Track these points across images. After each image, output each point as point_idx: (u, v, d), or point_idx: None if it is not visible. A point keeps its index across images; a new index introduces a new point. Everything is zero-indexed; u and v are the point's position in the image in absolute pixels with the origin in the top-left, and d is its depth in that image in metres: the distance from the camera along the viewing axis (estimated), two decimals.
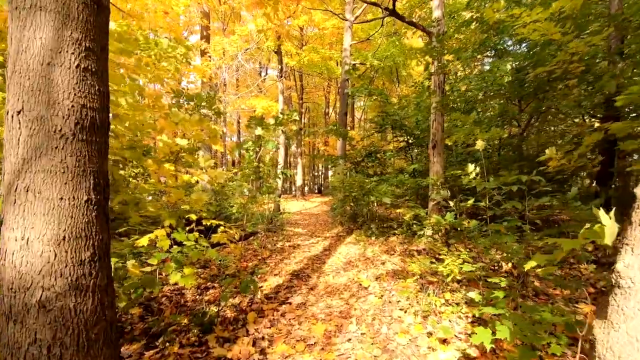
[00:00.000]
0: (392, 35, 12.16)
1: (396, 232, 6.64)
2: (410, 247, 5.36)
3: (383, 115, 7.43)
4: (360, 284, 3.77)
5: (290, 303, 3.30)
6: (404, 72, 14.26)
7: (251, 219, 8.92)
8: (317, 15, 13.93)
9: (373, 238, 6.40)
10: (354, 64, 6.94)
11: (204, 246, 3.03)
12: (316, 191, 31.76)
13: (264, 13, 6.16)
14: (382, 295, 3.33)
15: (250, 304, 3.28)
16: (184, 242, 2.94)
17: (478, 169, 3.83)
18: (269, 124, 4.72)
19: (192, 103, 5.03)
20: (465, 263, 2.64)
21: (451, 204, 4.08)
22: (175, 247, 2.99)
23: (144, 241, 2.87)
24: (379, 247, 5.76)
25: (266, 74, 24.73)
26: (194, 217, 3.81)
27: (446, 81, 5.81)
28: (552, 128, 7.91)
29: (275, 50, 11.94)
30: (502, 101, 6.30)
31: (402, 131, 7.32)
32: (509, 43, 7.36)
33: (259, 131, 4.59)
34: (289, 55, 14.16)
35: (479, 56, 8.15)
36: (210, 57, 11.94)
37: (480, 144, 3.78)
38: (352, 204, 7.47)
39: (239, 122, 23.66)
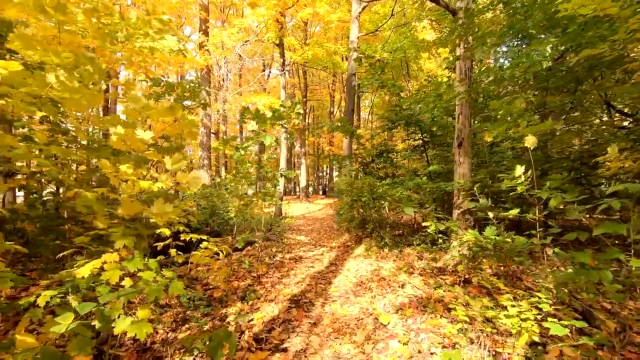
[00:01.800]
0: (402, 26, 11.32)
1: (413, 243, 5.81)
2: (431, 263, 4.54)
3: (396, 110, 6.60)
4: (377, 319, 2.96)
5: (285, 350, 2.50)
6: (415, 67, 13.37)
7: (250, 223, 8.16)
8: (322, 7, 13.13)
9: (386, 250, 5.59)
10: (363, 54, 6.15)
11: (168, 277, 2.25)
12: (321, 192, 30.96)
13: None
14: (408, 340, 2.51)
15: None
16: (142, 273, 2.16)
17: (529, 171, 3.01)
18: (266, 117, 3.93)
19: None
20: (550, 319, 1.81)
21: (490, 215, 3.25)
22: (128, 279, 2.20)
23: (84, 271, 2.10)
24: (394, 261, 4.94)
25: (270, 72, 24.05)
26: (167, 232, 3.04)
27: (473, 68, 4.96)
28: (572, 126, 7.01)
29: (277, 42, 11.16)
30: (536, 92, 5.45)
31: (417, 128, 6.49)
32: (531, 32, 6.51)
33: (252, 126, 3.80)
34: (292, 49, 13.37)
35: (503, 47, 7.31)
36: (207, 50, 11.20)
37: (531, 141, 2.95)
38: (361, 209, 6.66)
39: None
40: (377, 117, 11.89)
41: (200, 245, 3.57)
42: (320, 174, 36.50)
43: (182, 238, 3.39)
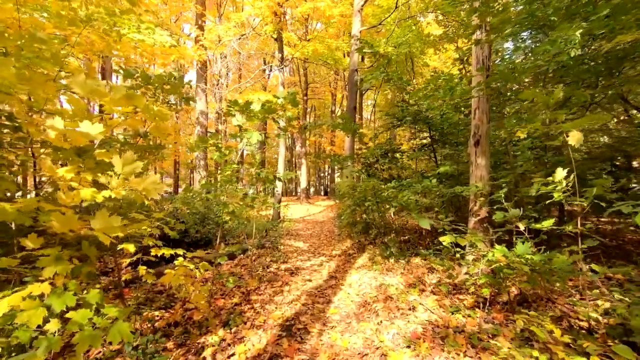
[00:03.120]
0: (407, 19, 10.75)
1: (421, 252, 5.26)
2: (444, 278, 3.99)
3: (402, 105, 6.05)
4: (385, 356, 2.41)
5: None
6: (420, 62, 12.79)
7: (245, 228, 7.65)
8: (323, 1, 12.57)
9: (392, 260, 5.04)
10: (366, 43, 5.59)
11: (110, 317, 1.71)
12: (322, 193, 30.43)
13: None
14: None
15: None
16: (73, 313, 1.62)
17: (572, 176, 2.46)
18: (254, 111, 3.39)
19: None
20: None
21: (521, 226, 2.70)
22: (56, 320, 1.67)
23: None
24: (402, 275, 4.40)
25: (270, 70, 23.54)
26: (131, 248, 2.51)
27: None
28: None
29: (275, 37, 10.63)
30: (561, 85, 4.89)
31: (425, 125, 5.93)
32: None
33: (238, 120, 3.26)
34: (292, 45, 12.84)
35: (513, 40, 6.75)
36: (203, 45, 10.70)
37: (576, 137, 2.40)
38: (363, 214, 6.12)
39: None
40: (381, 114, 11.34)
41: (175, 261, 3.05)
42: (322, 174, 35.93)
43: (153, 253, 2.86)
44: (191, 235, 6.13)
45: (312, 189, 30.63)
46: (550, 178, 2.48)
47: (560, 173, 2.43)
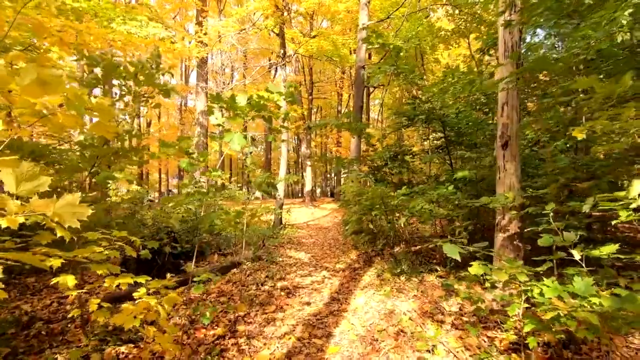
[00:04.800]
0: (417, 12, 10.09)
1: (437, 268, 4.64)
2: (466, 305, 3.37)
3: (414, 103, 5.42)
4: None
5: None
6: (431, 58, 12.10)
7: (242, 236, 7.11)
8: None
9: (402, 278, 4.43)
10: (374, 32, 4.97)
11: None
12: (329, 194, 29.73)
13: None
14: None
15: None
16: None
17: None
18: (239, 107, 2.83)
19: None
20: None
21: (576, 255, 2.07)
22: None
23: None
24: (415, 298, 3.78)
25: (276, 70, 23.05)
26: (71, 281, 2.00)
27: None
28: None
29: (277, 32, 10.09)
30: (601, 76, 4.22)
31: (439, 124, 5.30)
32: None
33: (216, 119, 2.70)
34: (297, 42, 12.28)
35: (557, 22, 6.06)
36: (202, 42, 10.23)
37: None
38: (370, 224, 5.51)
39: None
40: (390, 113, 10.71)
41: (135, 293, 2.49)
42: (329, 175, 35.28)
43: (107, 284, 2.31)
44: (182, 246, 5.60)
45: (318, 190, 30.03)
46: (624, 192, 1.85)
47: (638, 186, 1.80)
